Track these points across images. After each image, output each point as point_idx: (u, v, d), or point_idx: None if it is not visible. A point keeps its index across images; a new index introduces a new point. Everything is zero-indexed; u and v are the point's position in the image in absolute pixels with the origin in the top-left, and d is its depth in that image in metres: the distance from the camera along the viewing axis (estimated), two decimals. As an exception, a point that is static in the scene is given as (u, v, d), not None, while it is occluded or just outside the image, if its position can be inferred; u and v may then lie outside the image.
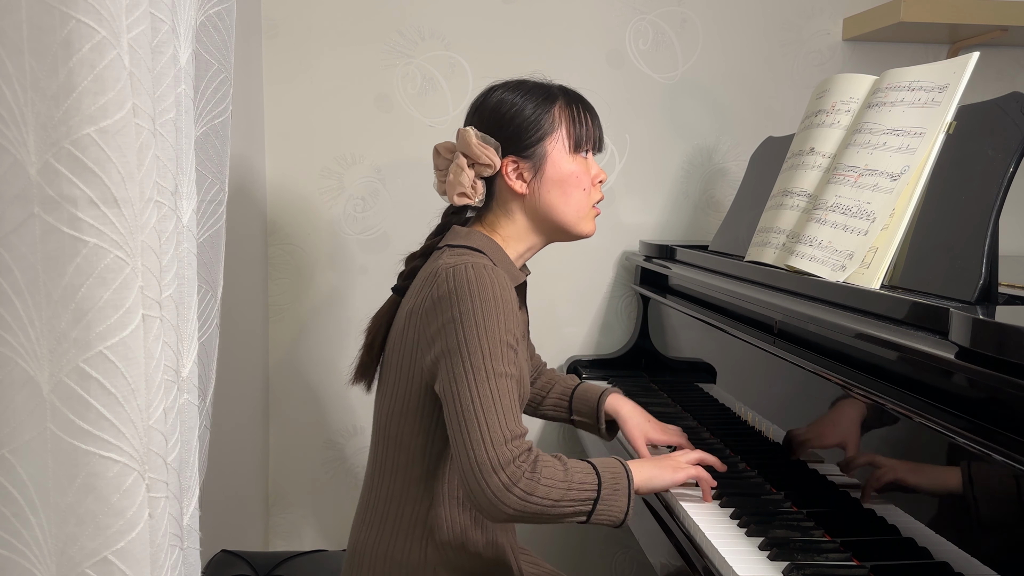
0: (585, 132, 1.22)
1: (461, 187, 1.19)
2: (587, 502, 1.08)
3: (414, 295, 1.17)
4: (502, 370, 1.07)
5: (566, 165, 1.21)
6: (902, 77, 1.31)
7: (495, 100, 1.22)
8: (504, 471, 1.03)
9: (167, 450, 0.80)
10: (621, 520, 1.11)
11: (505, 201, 1.22)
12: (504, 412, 1.05)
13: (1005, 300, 1.05)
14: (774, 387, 1.31)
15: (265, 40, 1.91)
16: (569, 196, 1.21)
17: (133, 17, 0.73)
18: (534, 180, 1.20)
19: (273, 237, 1.97)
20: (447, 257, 1.14)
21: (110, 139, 0.68)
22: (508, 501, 1.03)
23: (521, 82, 1.24)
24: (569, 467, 1.09)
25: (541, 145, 1.19)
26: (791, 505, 1.20)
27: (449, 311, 1.08)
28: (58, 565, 0.71)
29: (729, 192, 2.03)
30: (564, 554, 2.10)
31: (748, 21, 2.04)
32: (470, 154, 1.18)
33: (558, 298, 2.06)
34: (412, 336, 1.14)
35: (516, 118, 1.19)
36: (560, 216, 1.22)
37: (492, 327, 1.07)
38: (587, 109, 1.25)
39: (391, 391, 1.19)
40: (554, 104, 1.21)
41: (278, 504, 2.04)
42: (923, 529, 0.94)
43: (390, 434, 1.18)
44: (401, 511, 1.17)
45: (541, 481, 1.05)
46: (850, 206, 1.27)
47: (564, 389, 1.46)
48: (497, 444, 1.03)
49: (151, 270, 0.75)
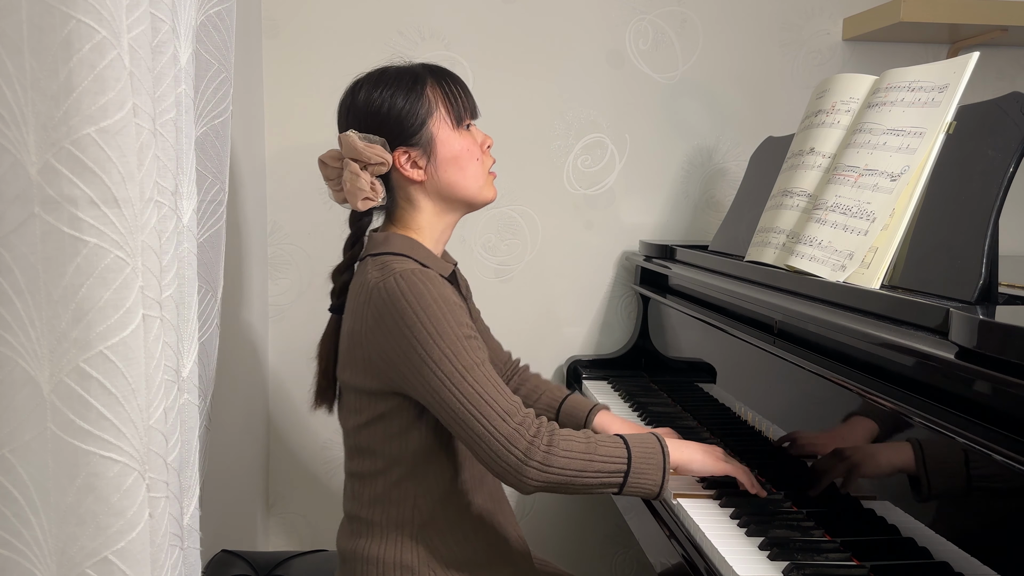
0: (461, 104, 1.22)
1: (362, 192, 1.17)
2: (616, 474, 1.09)
3: (351, 315, 1.16)
4: (471, 361, 1.07)
5: (455, 142, 1.20)
6: (902, 77, 1.31)
7: (364, 98, 1.19)
8: (517, 447, 1.05)
9: (167, 450, 0.80)
10: (656, 492, 1.12)
11: (407, 192, 1.22)
12: (493, 398, 1.07)
13: (1005, 300, 1.04)
14: (774, 387, 1.31)
15: (265, 40, 1.91)
16: (466, 170, 1.21)
17: (133, 17, 0.73)
18: (429, 164, 1.19)
19: (273, 237, 1.97)
20: (372, 270, 1.14)
21: (110, 139, 0.68)
22: (528, 475, 1.06)
23: (383, 71, 1.22)
24: (593, 439, 1.10)
25: (425, 129, 1.19)
26: (791, 505, 1.20)
27: (396, 329, 1.08)
28: (58, 565, 0.71)
29: (729, 192, 2.03)
30: (564, 554, 2.10)
31: (748, 21, 2.04)
32: (360, 157, 1.17)
33: (558, 298, 2.06)
34: (361, 355, 1.13)
35: (392, 110, 1.17)
36: (462, 191, 1.22)
37: (443, 328, 1.07)
38: (456, 82, 1.23)
39: (351, 406, 1.19)
40: (425, 86, 1.19)
41: (278, 504, 2.04)
42: (923, 529, 0.94)
43: (361, 445, 1.18)
44: (386, 514, 1.17)
45: (558, 453, 1.06)
46: (850, 206, 1.27)
47: (552, 400, 1.45)
48: (498, 426, 1.05)
49: (151, 270, 0.75)
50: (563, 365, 2.06)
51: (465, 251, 2.01)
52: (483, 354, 1.10)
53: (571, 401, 1.44)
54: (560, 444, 1.07)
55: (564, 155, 2.02)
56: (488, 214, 2.00)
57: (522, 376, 1.50)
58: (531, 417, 1.09)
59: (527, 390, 1.47)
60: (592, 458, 1.08)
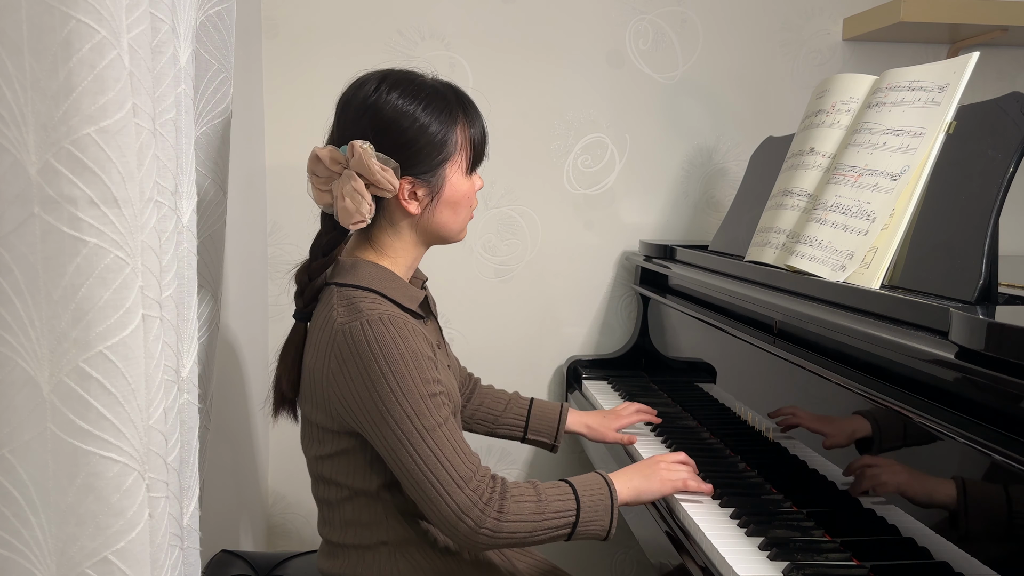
0: (482, 147, 1.19)
1: (360, 216, 1.09)
2: (565, 527, 1.09)
3: (312, 349, 1.11)
4: (432, 423, 1.05)
5: (462, 187, 1.16)
6: (902, 77, 1.31)
7: (393, 110, 1.09)
8: (468, 517, 1.04)
9: (167, 450, 0.80)
10: (605, 536, 1.12)
11: (393, 219, 1.15)
12: (449, 462, 1.05)
13: (1005, 300, 1.05)
14: (774, 387, 1.31)
15: (265, 40, 1.91)
16: (459, 214, 1.17)
17: (133, 17, 0.73)
18: (429, 202, 1.14)
19: (273, 237, 1.97)
20: (339, 307, 1.08)
21: (110, 139, 0.68)
22: (479, 541, 1.06)
23: (415, 83, 1.12)
24: (543, 496, 1.09)
25: (442, 169, 1.13)
26: (791, 505, 1.20)
27: (359, 379, 1.05)
28: (58, 565, 0.71)
29: (729, 192, 2.03)
30: (564, 553, 2.10)
31: (748, 21, 2.04)
32: (368, 177, 1.08)
33: (558, 298, 2.06)
34: (321, 396, 1.10)
35: (419, 139, 1.10)
36: (446, 231, 1.18)
37: (408, 387, 1.04)
38: (482, 127, 1.18)
39: (314, 437, 1.16)
40: (456, 123, 1.13)
41: (278, 504, 2.04)
42: (923, 529, 0.94)
43: (324, 475, 1.16)
44: (359, 536, 1.15)
45: (508, 519, 1.06)
46: (850, 206, 1.27)
47: (520, 410, 1.47)
48: (453, 494, 1.04)
49: (151, 270, 0.75)
50: (563, 365, 2.06)
51: (465, 251, 2.01)
52: (446, 412, 1.08)
53: (538, 408, 1.47)
54: (511, 510, 1.06)
55: (564, 155, 2.02)
56: (488, 214, 2.00)
57: (481, 394, 1.49)
58: (486, 480, 1.07)
59: (488, 406, 1.47)
60: (542, 518, 1.08)
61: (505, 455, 2.09)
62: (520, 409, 1.47)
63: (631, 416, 1.52)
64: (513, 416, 1.46)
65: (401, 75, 1.13)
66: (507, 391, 1.51)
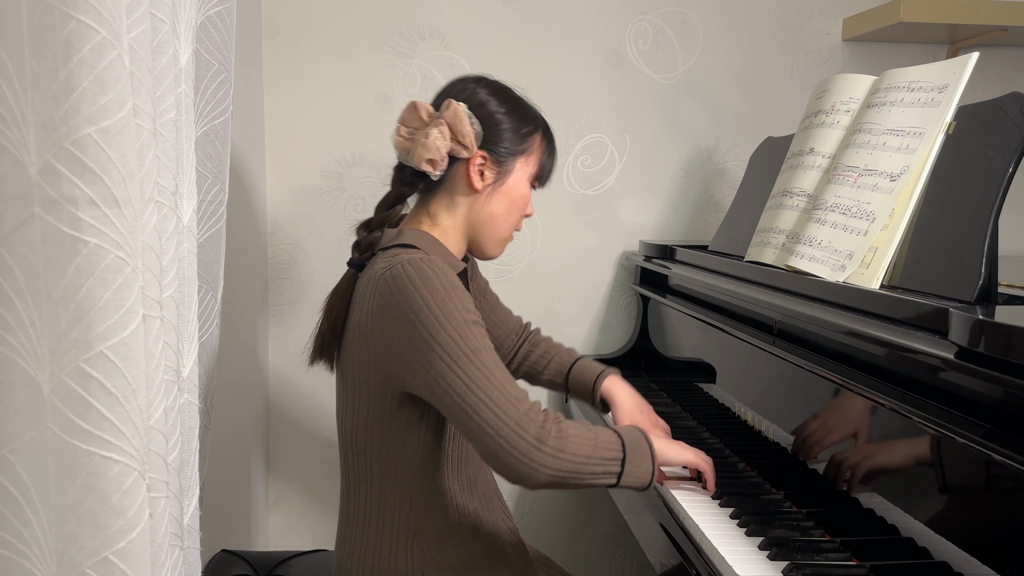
0: (548, 171, 1.27)
1: (434, 152, 1.16)
2: (615, 462, 1.08)
3: (357, 308, 1.15)
4: (478, 346, 1.05)
5: (522, 188, 1.24)
6: (902, 77, 1.31)
7: (484, 96, 1.21)
8: (528, 432, 1.02)
9: (167, 450, 0.80)
10: (648, 482, 1.11)
11: (454, 190, 1.21)
12: (503, 381, 1.04)
13: (1005, 300, 1.05)
14: (774, 387, 1.31)
15: (265, 40, 1.91)
16: (509, 215, 1.23)
17: (133, 17, 0.73)
18: (492, 184, 1.21)
19: (273, 237, 1.97)
20: (380, 262, 1.13)
21: (110, 139, 0.68)
22: (542, 460, 1.02)
23: (510, 90, 1.25)
24: (590, 427, 1.09)
25: (514, 159, 1.21)
26: (791, 505, 1.20)
27: (401, 314, 1.06)
28: (58, 565, 0.71)
29: (729, 192, 2.03)
30: (564, 553, 2.10)
31: (748, 21, 2.04)
32: (456, 128, 1.17)
33: (558, 298, 2.06)
34: (366, 348, 1.12)
35: (504, 123, 1.20)
36: (490, 230, 1.23)
37: (450, 312, 1.05)
38: (555, 153, 1.28)
39: (352, 404, 1.17)
40: (538, 130, 1.24)
41: (278, 504, 2.04)
42: (923, 529, 0.94)
43: (358, 447, 1.17)
44: (382, 520, 1.16)
45: (569, 437, 1.05)
46: (850, 206, 1.27)
47: (561, 365, 1.47)
48: (511, 412, 1.02)
49: (151, 270, 0.75)
50: (563, 365, 2.06)
51: (465, 251, 2.01)
52: (488, 341, 1.08)
53: (580, 366, 1.45)
54: (569, 429, 1.05)
55: (564, 155, 2.02)
56: (488, 214, 2.00)
57: (532, 341, 1.52)
58: (538, 406, 1.06)
59: (537, 355, 1.49)
60: (596, 444, 1.07)
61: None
62: (561, 366, 1.47)
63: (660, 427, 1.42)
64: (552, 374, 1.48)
65: (499, 82, 1.26)
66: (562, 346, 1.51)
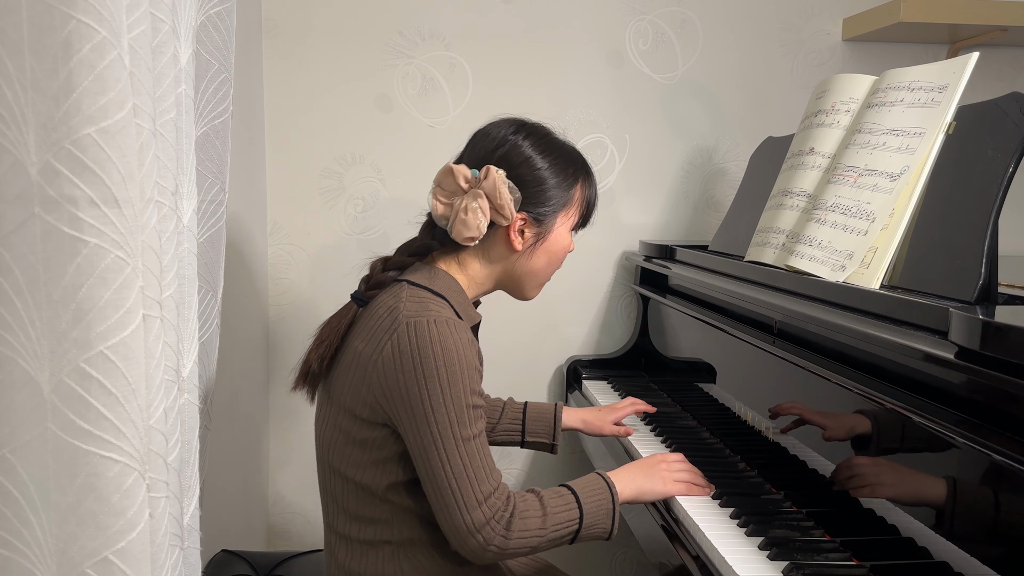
0: (592, 210, 1.25)
1: (476, 231, 1.14)
2: (568, 535, 1.12)
3: (366, 335, 1.12)
4: (469, 434, 1.07)
5: (564, 240, 1.22)
6: (902, 77, 1.31)
7: (529, 149, 1.17)
8: (480, 533, 1.06)
9: (167, 450, 0.80)
10: (607, 537, 1.15)
11: (491, 248, 1.19)
12: (475, 476, 1.07)
13: (1005, 300, 1.05)
14: (774, 387, 1.31)
15: (265, 40, 1.91)
16: (551, 267, 1.24)
17: (133, 17, 0.73)
18: (533, 245, 1.19)
19: (273, 237, 1.97)
20: (408, 302, 1.11)
21: (110, 139, 0.68)
22: (485, 557, 1.08)
23: (551, 138, 1.21)
24: (547, 510, 1.11)
25: (555, 216, 1.19)
26: (791, 505, 1.20)
27: (412, 373, 1.06)
28: (58, 565, 0.71)
29: (729, 192, 2.03)
30: (564, 554, 2.10)
31: (748, 21, 2.04)
32: (494, 200, 1.14)
33: (558, 298, 2.06)
34: (361, 379, 1.10)
35: (545, 183, 1.17)
36: (531, 281, 1.23)
37: (457, 393, 1.06)
38: (597, 193, 1.26)
39: (333, 422, 1.15)
40: (579, 180, 1.21)
41: (278, 504, 2.04)
42: (923, 529, 0.94)
43: (334, 465, 1.16)
44: (363, 532, 1.15)
45: (514, 537, 1.08)
46: (850, 206, 1.27)
47: (514, 414, 1.48)
48: (471, 508, 1.06)
49: (151, 270, 0.75)
50: (563, 365, 2.06)
51: (465, 251, 2.01)
52: (482, 426, 1.10)
53: (532, 410, 1.48)
54: (517, 527, 1.08)
55: (564, 155, 2.02)
56: (488, 214, 2.00)
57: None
58: (502, 499, 1.09)
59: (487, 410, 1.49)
60: (546, 532, 1.10)
61: (505, 454, 2.09)
62: (515, 414, 1.47)
63: (626, 408, 1.53)
64: (509, 421, 1.47)
65: (538, 126, 1.21)
66: (500, 398, 1.51)
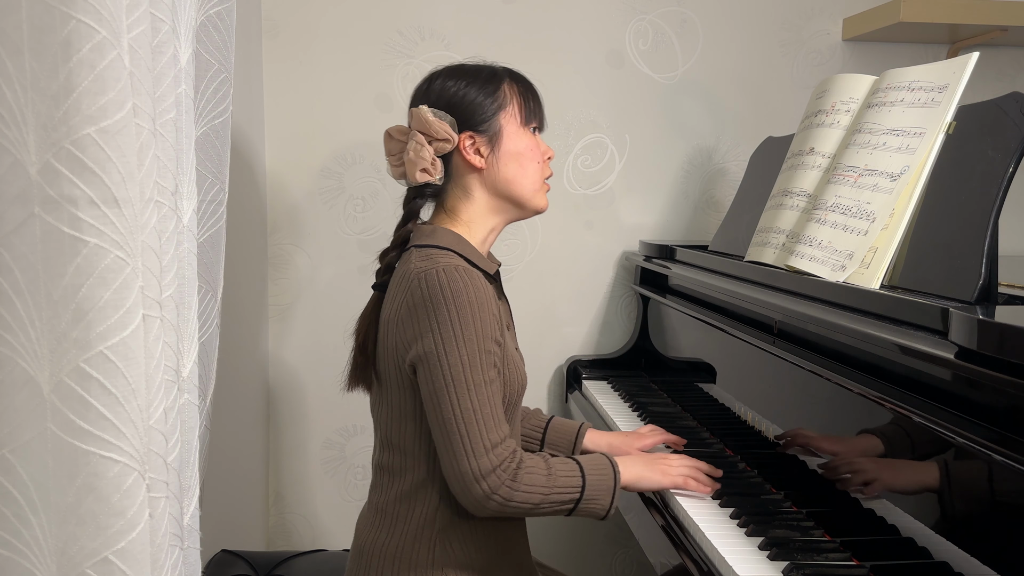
0: (532, 107, 1.24)
1: (423, 162, 1.17)
2: (569, 502, 1.13)
3: (390, 302, 1.16)
4: (481, 379, 1.08)
5: (520, 138, 1.22)
6: (902, 77, 1.31)
7: (439, 85, 1.21)
8: (485, 481, 1.07)
9: (167, 450, 0.80)
10: (603, 516, 1.16)
11: (463, 179, 1.21)
12: (484, 422, 1.08)
13: (1005, 300, 1.05)
14: (774, 387, 1.31)
15: (265, 40, 1.91)
16: (526, 169, 1.22)
17: (133, 17, 0.73)
18: (491, 154, 1.20)
19: (273, 237, 1.97)
20: (416, 260, 1.14)
21: (110, 139, 0.68)
22: (488, 506, 1.09)
23: (461, 64, 1.24)
24: (553, 470, 1.12)
25: (496, 119, 1.20)
26: (791, 505, 1.20)
27: (426, 319, 1.09)
28: (58, 565, 0.71)
29: (729, 192, 2.03)
30: (564, 553, 2.10)
31: (748, 21, 2.04)
32: (428, 131, 1.17)
33: (558, 298, 2.06)
34: (393, 343, 1.14)
35: (467, 97, 1.19)
36: (518, 189, 1.22)
37: (470, 335, 1.08)
38: (531, 87, 1.26)
39: (386, 399, 1.19)
40: (502, 82, 1.22)
41: (278, 504, 2.04)
42: (923, 529, 0.94)
43: (392, 440, 1.19)
44: (410, 513, 1.17)
45: (520, 489, 1.09)
46: (850, 206, 1.27)
47: (537, 423, 1.45)
48: (478, 455, 1.07)
49: (151, 270, 0.75)
50: (563, 365, 2.06)
51: (465, 251, 2.01)
52: (494, 373, 1.11)
53: (556, 423, 1.44)
54: (523, 480, 1.09)
55: (564, 155, 2.02)
56: (488, 214, 2.00)
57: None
58: (509, 450, 1.10)
59: None
60: (550, 491, 1.11)
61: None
62: (538, 423, 1.46)
63: (655, 438, 1.45)
64: (531, 428, 1.45)
65: (450, 65, 1.25)
66: (527, 407, 1.49)
